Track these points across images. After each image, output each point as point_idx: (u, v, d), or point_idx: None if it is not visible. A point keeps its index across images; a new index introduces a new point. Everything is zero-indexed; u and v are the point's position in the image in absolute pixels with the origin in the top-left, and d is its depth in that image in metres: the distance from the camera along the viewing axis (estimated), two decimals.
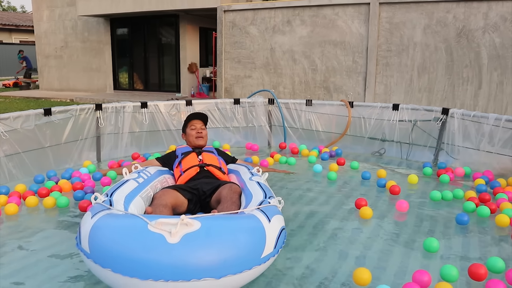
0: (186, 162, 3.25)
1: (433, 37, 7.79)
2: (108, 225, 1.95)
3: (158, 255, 1.74)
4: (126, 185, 2.63)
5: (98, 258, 1.84)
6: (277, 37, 9.16)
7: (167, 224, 1.84)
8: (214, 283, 1.76)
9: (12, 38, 26.59)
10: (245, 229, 1.99)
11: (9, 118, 3.79)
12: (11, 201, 3.10)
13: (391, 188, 3.51)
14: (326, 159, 4.54)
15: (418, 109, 4.63)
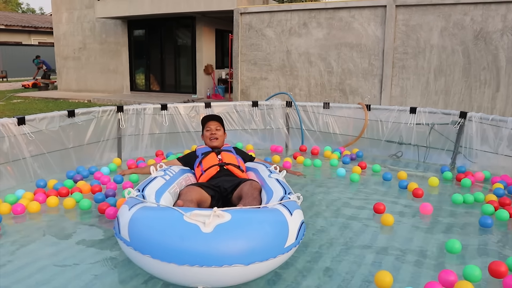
0: (206, 162, 3.39)
1: (450, 39, 7.77)
2: (146, 216, 2.13)
3: (193, 243, 1.91)
4: (155, 181, 2.83)
5: (137, 245, 2.02)
6: (293, 39, 9.21)
7: (201, 216, 2.01)
8: (243, 269, 1.93)
9: (31, 39, 27.06)
10: (270, 221, 2.15)
11: (35, 119, 3.90)
12: (36, 199, 3.25)
13: (414, 191, 3.53)
14: (348, 163, 4.56)
15: (435, 112, 4.63)
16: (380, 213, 3.15)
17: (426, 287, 2.04)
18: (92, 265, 2.41)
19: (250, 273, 2.00)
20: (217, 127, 3.66)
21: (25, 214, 3.13)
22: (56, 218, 3.13)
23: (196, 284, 1.96)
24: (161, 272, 2.00)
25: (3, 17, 27.41)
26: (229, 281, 2.00)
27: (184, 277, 1.94)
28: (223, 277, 1.94)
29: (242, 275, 2.00)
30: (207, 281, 1.95)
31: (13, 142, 3.71)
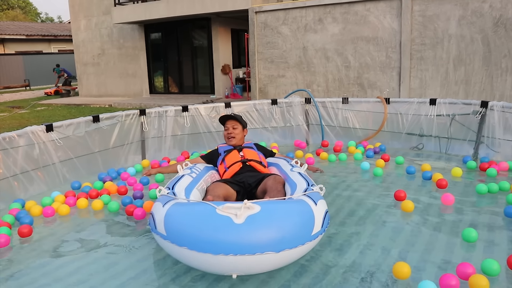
0: (229, 159, 3.51)
1: (468, 28, 7.66)
2: (181, 211, 2.28)
3: (227, 234, 2.04)
4: (183, 179, 2.99)
5: (174, 238, 2.17)
6: (309, 35, 9.22)
7: (232, 208, 2.14)
8: (274, 256, 2.06)
9: (51, 48, 27.65)
10: (297, 211, 2.28)
11: (62, 126, 4.03)
12: (67, 202, 3.41)
13: (438, 182, 3.53)
14: (372, 156, 4.58)
15: (456, 103, 4.61)
16: (401, 200, 3.20)
17: (442, 279, 2.06)
18: (125, 265, 2.50)
19: (281, 260, 2.13)
20: (233, 125, 3.75)
21: (55, 217, 3.26)
22: (86, 219, 3.25)
23: (230, 272, 2.09)
24: (197, 262, 2.13)
25: (24, 27, 28.08)
26: (261, 268, 2.14)
27: (219, 265, 2.07)
28: (256, 264, 2.07)
29: (274, 262, 2.12)
30: (241, 269, 2.07)
31: (42, 149, 3.85)
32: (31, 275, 2.41)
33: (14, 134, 3.65)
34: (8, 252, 2.71)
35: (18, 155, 3.68)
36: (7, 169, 3.57)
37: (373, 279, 2.25)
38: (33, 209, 3.23)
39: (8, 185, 3.59)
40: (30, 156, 3.77)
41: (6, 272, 2.45)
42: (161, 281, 2.32)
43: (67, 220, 3.23)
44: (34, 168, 3.79)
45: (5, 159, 3.57)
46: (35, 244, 2.82)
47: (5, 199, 3.52)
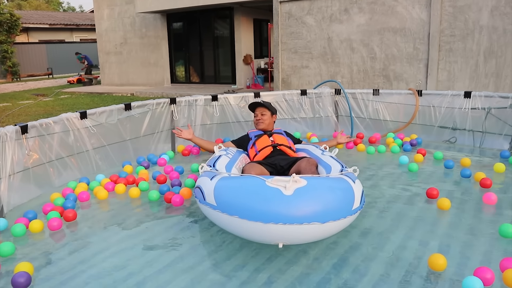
0: (260, 143, 3.68)
1: (501, 19, 7.46)
2: (231, 184, 2.43)
3: (277, 204, 2.15)
4: (221, 159, 3.18)
5: (225, 208, 2.31)
6: (334, 26, 9.10)
7: (281, 181, 2.26)
8: (319, 226, 2.18)
9: (73, 37, 27.94)
10: (339, 187, 2.42)
11: (95, 113, 4.06)
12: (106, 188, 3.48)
13: (482, 181, 3.35)
14: (409, 150, 4.48)
15: (492, 96, 4.49)
16: (433, 198, 3.13)
17: (476, 272, 2.05)
18: (161, 252, 2.51)
19: (325, 230, 2.26)
20: (262, 112, 3.94)
21: (91, 202, 3.31)
22: (123, 205, 3.27)
23: (277, 241, 2.20)
24: (247, 230, 2.26)
25: (47, 16, 28.41)
26: (307, 238, 2.27)
27: (268, 234, 2.18)
28: (302, 234, 2.19)
29: (318, 232, 2.24)
30: (288, 238, 2.19)
31: (77, 136, 3.88)
32: (67, 261, 2.44)
33: (50, 120, 3.69)
34: (50, 236, 2.75)
35: (54, 141, 3.72)
36: (43, 155, 3.61)
37: (414, 274, 2.21)
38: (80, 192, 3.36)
39: (44, 171, 3.63)
40: (65, 142, 3.80)
41: (44, 256, 2.49)
42: (199, 268, 2.32)
43: (105, 206, 3.26)
44: (69, 155, 3.82)
45: (42, 145, 3.61)
46: (75, 228, 2.86)
47: (41, 184, 3.56)
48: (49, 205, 3.11)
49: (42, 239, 2.73)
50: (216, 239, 2.64)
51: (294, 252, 2.45)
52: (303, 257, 2.39)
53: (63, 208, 3.07)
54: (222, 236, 2.67)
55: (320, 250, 2.46)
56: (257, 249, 2.49)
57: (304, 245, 2.50)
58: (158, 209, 3.16)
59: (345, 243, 2.54)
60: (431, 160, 4.19)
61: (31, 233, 2.78)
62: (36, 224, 2.79)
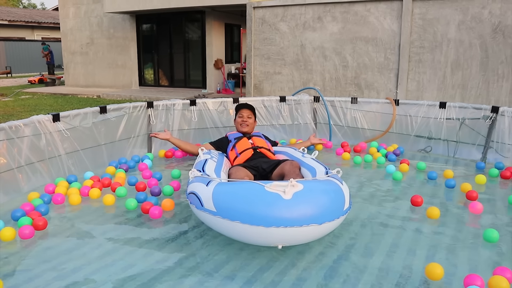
0: (240, 146, 3.74)
1: (467, 33, 7.73)
2: (230, 189, 2.47)
3: (277, 208, 2.25)
4: (208, 163, 3.20)
5: (226, 214, 2.36)
6: (308, 33, 9.16)
7: (279, 186, 2.36)
8: (317, 227, 2.30)
9: (35, 35, 26.97)
10: (332, 189, 2.53)
11: (69, 116, 3.88)
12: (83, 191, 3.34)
13: (468, 194, 3.34)
14: (394, 160, 4.45)
15: (466, 107, 4.61)
16: (418, 206, 3.14)
17: (466, 279, 2.08)
18: (144, 267, 2.40)
19: (322, 231, 2.38)
20: (249, 115, 4.06)
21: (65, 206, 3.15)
22: (99, 213, 3.11)
23: (278, 243, 2.31)
24: (248, 234, 2.33)
25: (6, 12, 27.30)
26: (305, 239, 2.38)
27: (269, 237, 2.28)
28: (301, 235, 2.31)
29: (316, 233, 2.36)
30: (288, 240, 2.31)
31: (49, 139, 3.69)
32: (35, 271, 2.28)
33: (20, 123, 3.49)
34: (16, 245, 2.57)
35: (24, 145, 3.52)
36: (12, 160, 3.41)
37: (407, 282, 2.20)
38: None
39: (12, 176, 3.42)
40: (36, 146, 3.60)
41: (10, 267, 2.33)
42: (185, 282, 2.22)
43: (80, 213, 3.10)
44: (40, 160, 3.62)
45: (10, 149, 3.40)
46: (48, 239, 2.69)
47: (8, 191, 3.36)
48: (27, 204, 2.99)
49: (13, 249, 2.55)
50: (202, 252, 2.54)
51: (286, 263, 2.39)
52: (293, 269, 2.34)
53: (37, 211, 2.90)
54: (208, 248, 2.58)
55: (309, 262, 2.42)
56: (247, 260, 2.42)
57: (293, 257, 2.45)
58: (136, 219, 2.99)
59: (333, 253, 2.50)
60: (413, 170, 4.20)
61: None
62: (7, 232, 2.60)
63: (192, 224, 2.91)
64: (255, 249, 2.55)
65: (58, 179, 3.58)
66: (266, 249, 2.55)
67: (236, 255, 2.48)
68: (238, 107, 4.15)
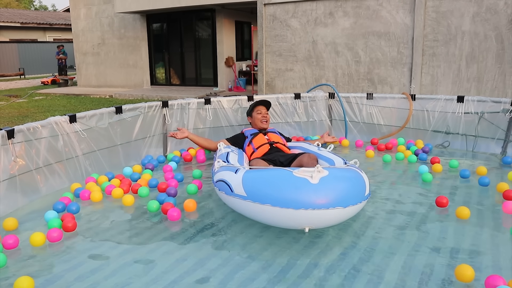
0: (256, 141, 3.89)
1: (482, 25, 7.60)
2: (260, 175, 2.62)
3: (306, 192, 2.39)
4: (231, 155, 3.39)
5: (256, 198, 2.51)
6: (319, 29, 9.10)
7: (306, 171, 2.50)
8: (342, 210, 2.44)
9: (46, 36, 27.21)
10: (353, 176, 2.66)
11: (85, 117, 3.89)
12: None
13: (505, 193, 3.16)
14: (425, 159, 4.27)
15: (485, 101, 4.53)
16: (443, 207, 3.05)
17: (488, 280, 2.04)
18: (165, 268, 2.39)
19: (347, 214, 2.51)
20: (266, 111, 4.23)
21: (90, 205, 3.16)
22: (120, 213, 3.12)
23: (305, 225, 2.44)
24: (278, 217, 2.46)
25: (18, 14, 27.58)
26: (331, 221, 2.51)
27: (298, 219, 2.41)
28: (328, 218, 2.44)
29: (341, 216, 2.50)
30: (315, 222, 2.45)
31: (66, 140, 3.70)
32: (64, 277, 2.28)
33: (38, 124, 3.51)
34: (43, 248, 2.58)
35: (41, 146, 3.53)
36: (30, 161, 3.42)
37: (430, 281, 2.16)
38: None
39: (31, 178, 3.44)
40: (53, 148, 3.62)
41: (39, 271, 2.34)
42: (206, 284, 2.20)
43: (102, 212, 3.11)
44: (57, 161, 3.64)
45: (29, 151, 3.42)
46: (73, 239, 2.69)
47: (27, 193, 3.38)
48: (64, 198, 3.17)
49: (40, 252, 2.56)
50: (223, 253, 2.52)
51: (307, 262, 2.37)
52: (315, 269, 2.32)
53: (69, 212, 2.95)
54: (229, 246, 2.57)
55: (332, 260, 2.39)
56: (269, 261, 2.40)
57: (315, 255, 2.43)
58: (157, 219, 3.00)
59: (355, 253, 2.47)
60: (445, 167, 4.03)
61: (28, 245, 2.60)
62: (38, 237, 2.59)
63: (212, 221, 2.90)
64: (277, 248, 2.54)
65: (94, 175, 3.80)
66: (288, 248, 2.53)
67: (258, 255, 2.47)
68: (257, 103, 4.26)
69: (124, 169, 3.96)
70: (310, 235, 2.67)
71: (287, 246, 2.56)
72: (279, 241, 2.63)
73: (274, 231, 2.76)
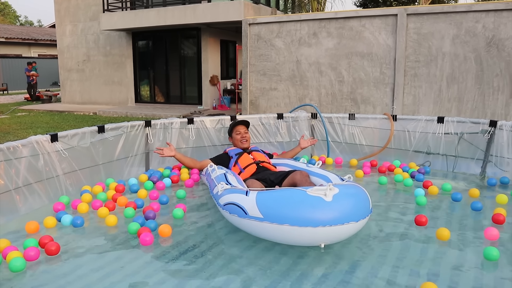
0: (242, 161, 3.90)
1: (462, 47, 7.80)
2: (275, 196, 2.67)
3: (322, 209, 2.49)
4: (229, 176, 3.40)
5: (274, 218, 2.55)
6: (303, 49, 9.23)
7: (319, 190, 2.58)
8: (355, 224, 2.55)
9: (31, 52, 27.02)
10: (359, 192, 2.78)
11: (67, 136, 3.86)
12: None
13: (494, 217, 3.13)
14: (422, 180, 4.20)
15: (464, 121, 4.62)
16: (422, 225, 3.06)
17: None
18: None
19: (358, 227, 2.63)
20: (245, 130, 4.25)
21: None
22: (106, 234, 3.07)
23: (323, 242, 2.53)
24: (297, 236, 2.52)
25: (3, 29, 27.38)
26: (346, 235, 2.60)
27: (316, 236, 2.49)
28: (343, 233, 2.54)
29: (354, 230, 2.60)
30: (332, 237, 2.54)
31: (47, 160, 3.66)
32: None
33: (18, 143, 3.46)
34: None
35: (21, 166, 3.49)
36: (9, 181, 3.37)
37: None
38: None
39: (10, 198, 3.38)
40: (33, 167, 3.57)
41: None
42: None
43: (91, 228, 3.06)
44: (38, 181, 3.59)
45: (8, 170, 3.37)
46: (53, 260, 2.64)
47: (5, 213, 3.31)
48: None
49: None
50: (201, 275, 2.50)
51: (290, 282, 2.36)
52: None
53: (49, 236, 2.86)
54: (208, 268, 2.55)
55: (313, 283, 2.38)
56: (249, 281, 2.38)
57: (296, 278, 2.42)
58: (137, 242, 2.92)
59: (337, 275, 2.47)
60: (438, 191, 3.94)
61: None
62: (16, 256, 2.53)
63: (194, 244, 2.88)
64: (257, 268, 2.52)
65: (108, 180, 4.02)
66: (268, 268, 2.52)
67: (237, 276, 2.44)
68: (234, 124, 4.29)
69: (130, 180, 4.10)
70: (293, 255, 2.67)
71: (267, 266, 2.55)
72: (260, 261, 2.62)
73: (255, 250, 2.75)
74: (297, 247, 2.74)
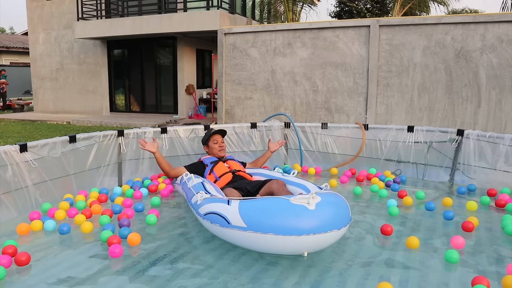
0: (218, 170, 3.91)
1: (432, 58, 8.02)
2: (258, 205, 2.65)
3: (305, 218, 2.50)
4: (207, 185, 3.40)
5: (257, 228, 2.54)
6: (278, 59, 9.32)
7: (302, 198, 2.59)
8: (337, 232, 2.57)
9: (3, 60, 26.44)
10: (339, 200, 2.80)
11: (37, 146, 3.79)
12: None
13: (464, 224, 3.20)
14: (397, 190, 4.21)
15: (433, 130, 4.75)
16: (388, 235, 3.10)
17: None
18: None
19: (340, 235, 2.64)
20: (222, 140, 4.28)
21: None
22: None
23: (308, 250, 2.54)
24: (281, 245, 2.52)
25: None
26: (329, 243, 2.62)
27: (301, 245, 2.50)
28: (326, 240, 2.55)
29: (336, 237, 2.62)
30: (315, 245, 2.55)
31: (15, 170, 3.59)
32: None
33: None
34: None
35: None
36: None
37: None
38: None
39: None
40: (1, 178, 3.49)
41: None
42: None
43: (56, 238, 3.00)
44: (6, 192, 3.51)
45: None
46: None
47: None
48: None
49: None
50: (173, 284, 2.49)
51: None
52: None
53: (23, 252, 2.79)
54: (179, 277, 2.54)
55: None
56: None
57: (269, 286, 2.43)
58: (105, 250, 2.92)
59: (309, 281, 2.49)
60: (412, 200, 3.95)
61: None
62: None
63: (165, 253, 2.86)
64: (228, 276, 2.52)
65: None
66: (239, 275, 2.53)
67: (209, 285, 2.44)
68: (211, 133, 4.28)
69: (114, 189, 4.16)
70: (264, 261, 2.69)
71: (238, 274, 2.56)
72: (231, 269, 2.63)
73: (227, 258, 2.76)
74: (269, 254, 2.76)
